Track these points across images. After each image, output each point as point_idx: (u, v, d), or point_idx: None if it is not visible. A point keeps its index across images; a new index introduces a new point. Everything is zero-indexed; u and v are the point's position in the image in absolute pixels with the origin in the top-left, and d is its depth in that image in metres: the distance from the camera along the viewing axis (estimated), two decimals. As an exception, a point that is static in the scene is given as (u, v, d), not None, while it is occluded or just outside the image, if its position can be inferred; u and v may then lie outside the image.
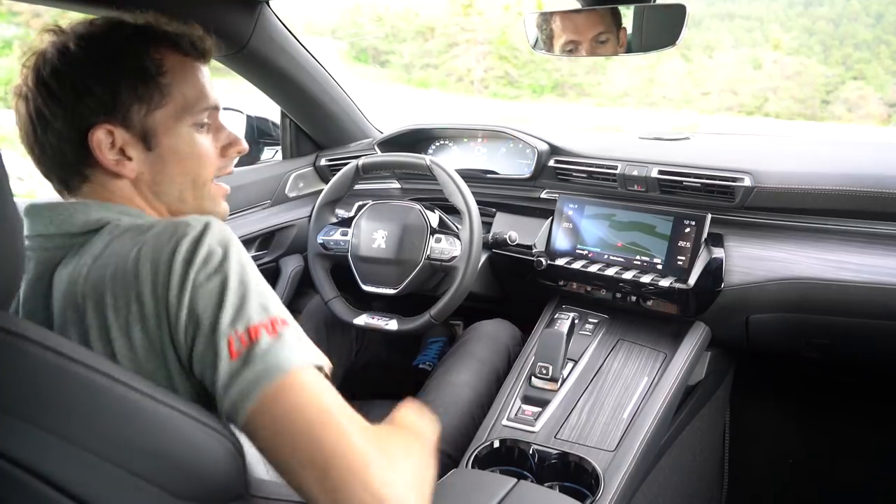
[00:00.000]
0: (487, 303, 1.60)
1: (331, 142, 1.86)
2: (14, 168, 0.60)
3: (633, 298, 1.37)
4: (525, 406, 1.21)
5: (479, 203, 1.35)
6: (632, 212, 1.37)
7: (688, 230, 1.30)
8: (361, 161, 1.42)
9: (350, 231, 1.43)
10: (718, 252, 1.28)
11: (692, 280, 1.27)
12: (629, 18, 1.15)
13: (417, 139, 1.77)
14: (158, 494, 0.53)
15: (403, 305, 1.47)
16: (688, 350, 1.29)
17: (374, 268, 1.38)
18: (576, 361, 1.30)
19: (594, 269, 1.37)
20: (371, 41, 19.54)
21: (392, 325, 1.36)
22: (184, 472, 0.54)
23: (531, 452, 1.12)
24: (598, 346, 1.34)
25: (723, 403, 1.63)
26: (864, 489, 1.57)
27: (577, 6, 1.19)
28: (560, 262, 1.41)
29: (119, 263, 0.61)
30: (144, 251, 0.61)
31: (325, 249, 1.45)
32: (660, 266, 1.32)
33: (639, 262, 1.35)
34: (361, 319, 1.38)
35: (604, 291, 1.40)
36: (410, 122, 1.75)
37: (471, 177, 1.47)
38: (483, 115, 12.32)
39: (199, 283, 0.59)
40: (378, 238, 1.39)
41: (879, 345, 1.26)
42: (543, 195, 1.52)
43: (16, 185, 0.52)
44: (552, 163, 1.49)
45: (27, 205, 0.69)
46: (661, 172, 1.32)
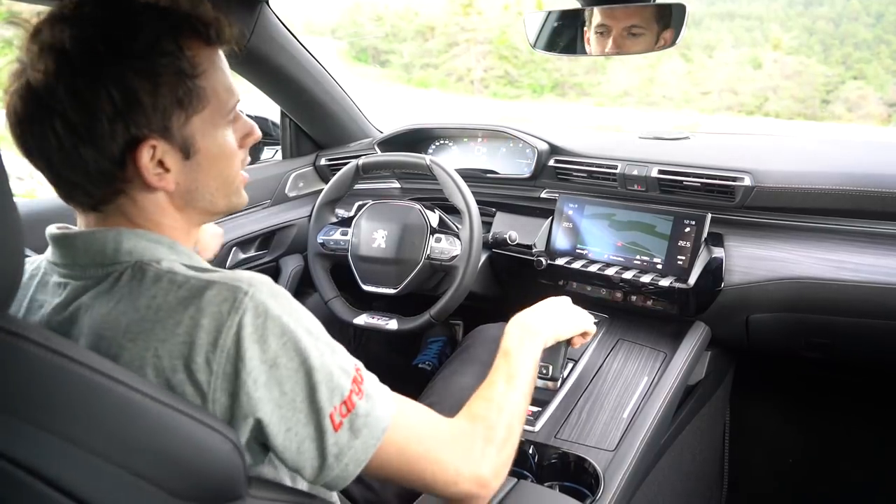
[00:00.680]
0: (487, 303, 1.59)
1: (331, 141, 1.86)
2: (14, 168, 0.59)
3: (633, 298, 1.37)
4: (525, 406, 1.21)
5: (479, 203, 1.35)
6: (632, 211, 1.37)
7: (688, 230, 1.30)
8: (361, 161, 1.42)
9: (350, 231, 1.43)
10: (718, 252, 1.28)
11: (692, 280, 1.27)
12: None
13: (417, 139, 1.77)
14: (158, 494, 0.53)
15: (403, 305, 1.47)
16: (688, 350, 1.29)
17: (374, 267, 1.38)
18: (576, 361, 1.30)
19: (594, 269, 1.37)
20: (371, 41, 19.56)
21: (392, 325, 1.36)
22: (184, 472, 0.54)
23: (531, 452, 1.12)
24: (598, 346, 1.34)
25: (723, 403, 1.63)
26: (865, 489, 1.57)
27: (578, 6, 1.19)
28: (560, 262, 1.41)
29: (169, 326, 0.58)
30: (204, 324, 0.58)
31: (325, 249, 1.45)
32: (660, 266, 1.32)
33: (639, 262, 1.35)
34: (361, 319, 1.38)
35: (604, 291, 1.40)
36: (410, 122, 1.75)
37: (471, 176, 1.47)
38: (483, 115, 12.32)
39: (274, 363, 0.59)
40: (378, 238, 1.39)
41: (879, 344, 1.26)
42: (543, 195, 1.52)
43: (16, 185, 0.51)
44: (552, 162, 1.49)
45: (57, 234, 0.65)
46: (662, 172, 1.33)
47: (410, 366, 1.69)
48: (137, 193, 0.65)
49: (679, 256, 1.30)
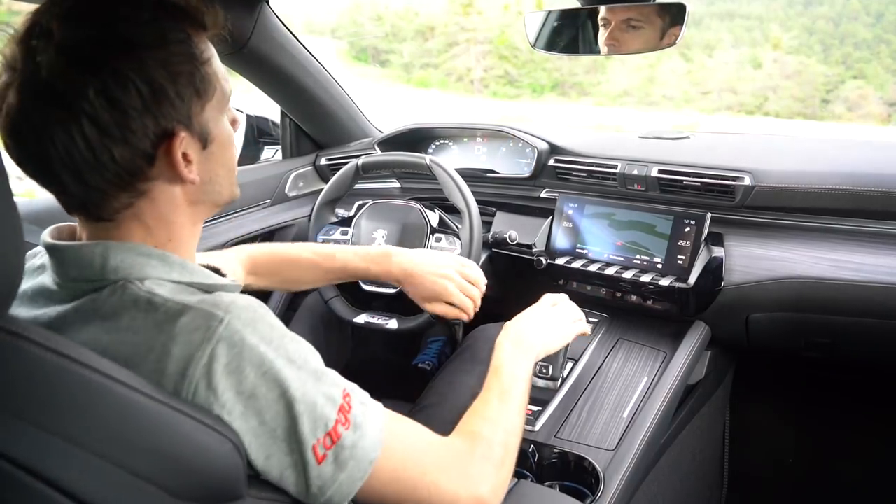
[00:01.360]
0: (487, 302, 1.59)
1: (331, 141, 1.85)
2: (14, 168, 0.58)
3: (633, 298, 1.37)
4: (525, 405, 1.21)
5: (479, 202, 1.34)
6: (632, 211, 1.37)
7: (688, 229, 1.30)
8: (361, 160, 1.42)
9: (350, 230, 1.43)
10: (718, 251, 1.28)
11: (692, 279, 1.27)
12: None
13: (417, 138, 1.77)
14: (158, 494, 0.53)
15: (403, 304, 1.46)
16: (688, 349, 1.29)
17: (374, 267, 1.38)
18: (576, 361, 1.30)
19: (594, 269, 1.37)
20: (371, 41, 19.56)
21: (392, 325, 1.36)
22: (184, 472, 0.54)
23: (531, 451, 1.12)
24: (598, 346, 1.34)
25: (723, 403, 1.63)
26: (864, 489, 1.57)
27: (578, 6, 1.19)
28: (560, 262, 1.41)
29: (141, 352, 0.57)
30: (175, 353, 0.56)
31: (325, 249, 1.45)
32: (660, 265, 1.32)
33: (639, 262, 1.35)
34: (361, 318, 1.38)
35: (604, 291, 1.40)
36: (410, 122, 1.75)
37: (471, 176, 1.47)
38: (483, 115, 12.33)
39: (252, 395, 0.58)
40: (378, 237, 1.38)
41: (880, 344, 1.26)
42: (543, 194, 1.52)
43: (16, 185, 0.51)
44: (552, 162, 1.49)
45: (49, 244, 0.64)
46: (662, 171, 1.33)
47: (410, 366, 1.69)
48: (158, 192, 0.64)
49: (679, 256, 1.30)
